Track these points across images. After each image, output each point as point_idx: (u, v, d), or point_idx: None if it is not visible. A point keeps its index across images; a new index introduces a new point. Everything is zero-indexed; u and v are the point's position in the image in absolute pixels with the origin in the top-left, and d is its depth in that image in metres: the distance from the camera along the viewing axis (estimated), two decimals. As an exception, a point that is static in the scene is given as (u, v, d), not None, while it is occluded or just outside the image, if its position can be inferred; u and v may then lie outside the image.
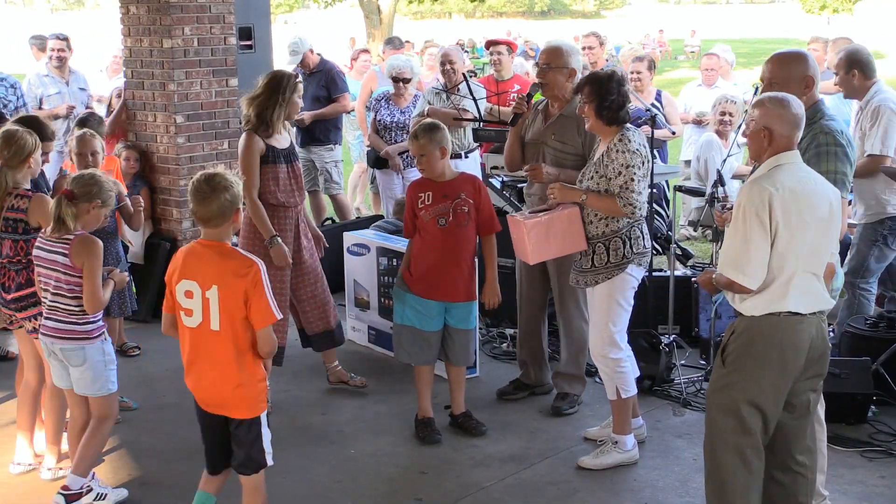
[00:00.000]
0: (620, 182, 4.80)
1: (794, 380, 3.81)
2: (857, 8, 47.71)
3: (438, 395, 5.70)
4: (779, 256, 3.70)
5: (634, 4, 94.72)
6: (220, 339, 3.85)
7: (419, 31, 40.81)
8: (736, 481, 3.84)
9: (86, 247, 4.39)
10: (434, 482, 4.89)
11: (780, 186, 3.69)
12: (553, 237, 4.92)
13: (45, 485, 4.86)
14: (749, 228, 3.69)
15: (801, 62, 4.30)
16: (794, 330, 3.75)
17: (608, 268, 4.89)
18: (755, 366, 3.78)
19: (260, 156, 5.49)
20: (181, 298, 3.90)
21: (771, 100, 3.85)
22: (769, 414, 3.82)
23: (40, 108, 8.71)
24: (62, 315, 4.45)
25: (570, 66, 5.49)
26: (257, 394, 3.95)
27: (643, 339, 5.90)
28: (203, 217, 3.89)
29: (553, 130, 5.48)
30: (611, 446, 5.02)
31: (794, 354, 3.76)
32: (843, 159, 4.09)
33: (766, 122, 3.80)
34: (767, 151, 3.82)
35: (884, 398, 5.52)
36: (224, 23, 7.62)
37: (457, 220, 5.18)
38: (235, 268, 3.83)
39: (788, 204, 3.68)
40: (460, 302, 5.28)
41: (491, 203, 5.36)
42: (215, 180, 3.87)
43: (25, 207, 4.72)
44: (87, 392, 4.53)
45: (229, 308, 3.81)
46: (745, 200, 3.72)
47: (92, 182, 4.48)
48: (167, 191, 7.55)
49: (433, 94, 7.83)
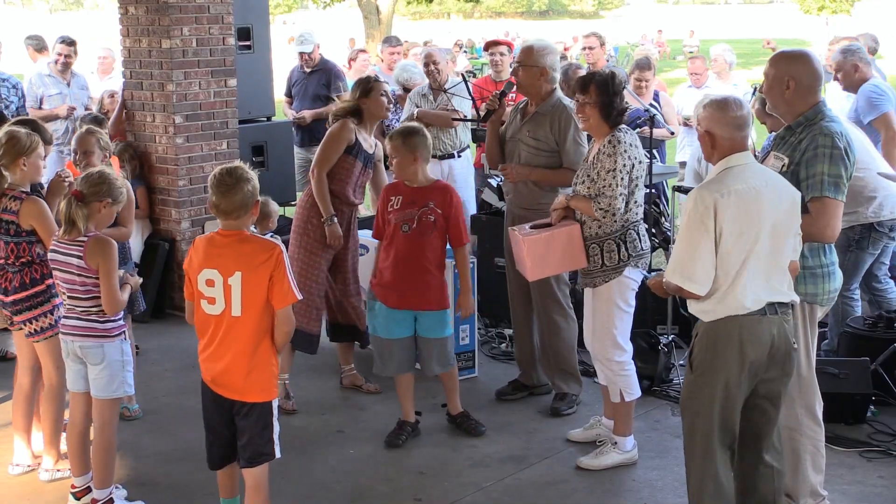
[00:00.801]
0: (600, 185, 4.80)
1: (758, 377, 3.85)
2: (855, 9, 47.77)
3: (438, 395, 5.71)
4: (726, 260, 3.74)
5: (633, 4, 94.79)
6: (241, 325, 3.97)
7: (418, 31, 40.82)
8: (711, 483, 3.89)
9: (100, 248, 4.38)
10: (433, 482, 4.89)
11: (727, 190, 3.73)
12: (552, 254, 4.90)
13: (43, 486, 4.86)
14: (694, 234, 3.75)
15: (786, 61, 4.24)
16: (754, 327, 3.79)
17: (605, 271, 4.88)
18: (719, 367, 3.83)
19: (347, 145, 5.68)
20: (202, 287, 4.00)
21: (710, 103, 3.91)
22: (736, 413, 3.88)
23: (40, 108, 8.70)
24: (84, 314, 4.44)
25: (541, 65, 5.52)
26: (269, 378, 4.04)
27: (642, 340, 5.90)
28: (226, 209, 3.98)
29: (528, 128, 5.53)
30: (610, 447, 5.02)
31: (754, 350, 3.79)
32: (839, 162, 4.07)
33: (706, 126, 3.87)
34: (715, 155, 3.87)
35: (883, 398, 5.52)
36: (223, 23, 7.61)
37: (420, 229, 5.09)
38: (258, 251, 3.96)
39: (734, 207, 3.71)
40: (429, 311, 5.20)
41: (462, 216, 5.24)
42: (238, 172, 4.00)
43: (17, 209, 4.71)
44: (104, 394, 4.49)
45: (253, 292, 3.93)
46: (691, 207, 3.78)
47: (101, 180, 4.46)
48: (166, 191, 7.54)
49: (419, 96, 7.81)
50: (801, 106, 4.18)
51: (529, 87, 5.57)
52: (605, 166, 4.79)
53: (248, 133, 8.05)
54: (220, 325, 4.00)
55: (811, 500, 4.30)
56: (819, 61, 4.30)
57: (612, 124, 4.88)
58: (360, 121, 5.76)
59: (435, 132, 7.65)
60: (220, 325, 4.00)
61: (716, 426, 3.86)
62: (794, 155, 4.13)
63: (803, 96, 4.17)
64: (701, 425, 3.89)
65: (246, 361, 3.98)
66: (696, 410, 3.92)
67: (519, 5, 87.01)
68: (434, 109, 7.63)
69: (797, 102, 4.18)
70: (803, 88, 4.16)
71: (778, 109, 4.29)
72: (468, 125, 7.70)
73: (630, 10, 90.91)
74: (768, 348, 3.81)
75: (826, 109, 4.23)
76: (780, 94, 4.19)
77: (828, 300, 4.25)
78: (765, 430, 3.96)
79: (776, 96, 4.21)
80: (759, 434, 3.97)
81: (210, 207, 4.12)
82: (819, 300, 4.20)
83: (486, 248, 6.97)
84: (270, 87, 8.55)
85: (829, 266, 4.22)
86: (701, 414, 3.89)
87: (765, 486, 4.00)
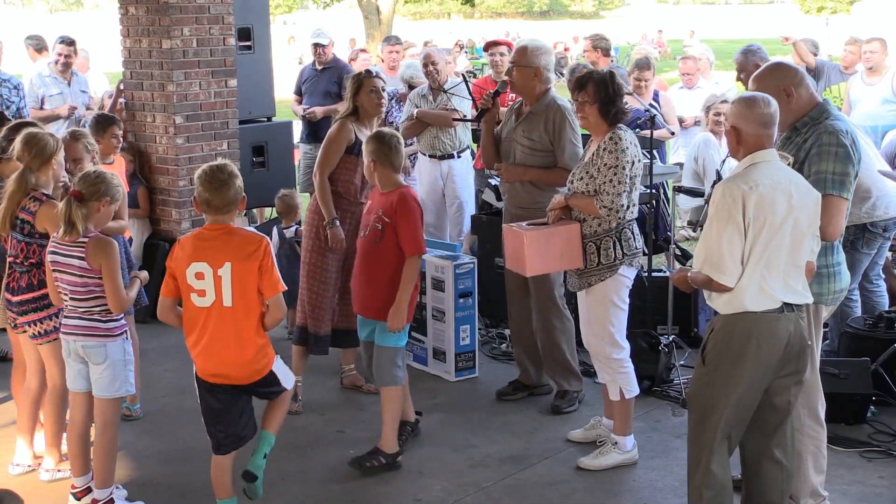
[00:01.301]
0: (601, 181, 4.80)
1: (773, 376, 3.87)
2: (854, 8, 47.74)
3: (438, 395, 5.71)
4: (751, 254, 3.77)
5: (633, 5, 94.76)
6: (232, 314, 4.11)
7: (418, 31, 40.82)
8: (716, 477, 3.91)
9: (101, 248, 4.39)
10: (432, 483, 4.89)
11: (754, 184, 3.77)
12: (551, 250, 4.90)
13: (44, 486, 4.86)
14: (724, 226, 3.77)
15: (772, 76, 4.29)
16: (771, 326, 3.81)
17: (600, 269, 4.89)
18: (733, 363, 3.85)
19: (347, 145, 5.67)
20: (192, 281, 4.11)
21: (739, 100, 3.99)
22: (748, 410, 3.90)
23: (41, 109, 8.70)
24: (84, 314, 4.44)
25: (535, 65, 5.53)
26: (264, 353, 4.25)
27: (642, 340, 5.90)
28: (218, 205, 4.13)
29: (523, 128, 5.54)
30: (610, 447, 5.02)
31: (771, 350, 3.82)
32: (844, 159, 4.09)
33: (733, 122, 3.91)
34: (740, 151, 3.92)
35: (883, 398, 5.52)
36: (223, 23, 7.62)
37: (370, 237, 4.98)
38: (246, 243, 4.12)
39: (761, 202, 3.75)
40: (379, 320, 4.97)
41: (412, 226, 4.91)
42: (228, 169, 4.18)
43: (34, 211, 4.71)
44: (106, 393, 4.49)
45: (243, 282, 4.09)
46: (720, 198, 3.80)
47: (98, 180, 4.48)
48: (166, 191, 7.55)
49: (419, 96, 7.79)
50: (804, 108, 4.22)
51: (524, 87, 5.58)
52: (607, 163, 4.79)
53: (248, 133, 8.05)
54: (211, 316, 4.13)
55: (812, 500, 4.30)
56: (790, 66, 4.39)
57: (611, 122, 4.88)
58: (358, 118, 5.75)
59: (435, 132, 7.66)
60: (211, 316, 4.13)
61: (727, 421, 3.87)
62: (798, 154, 4.15)
63: (806, 100, 4.21)
64: (712, 419, 3.89)
65: (242, 349, 4.15)
66: (709, 404, 3.91)
67: (519, 6, 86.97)
68: (434, 109, 7.63)
69: (801, 106, 4.22)
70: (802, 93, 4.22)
71: (787, 119, 4.27)
72: (468, 125, 7.70)
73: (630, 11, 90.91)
74: (784, 345, 3.83)
75: (830, 108, 4.25)
76: (786, 105, 4.18)
77: (833, 300, 4.26)
78: (776, 428, 3.97)
79: (781, 108, 4.19)
80: (771, 431, 3.97)
81: (199, 204, 4.18)
82: (824, 300, 4.21)
83: (486, 248, 6.97)
84: (271, 87, 8.55)
85: (836, 266, 4.22)
86: (713, 408, 3.89)
87: (772, 485, 4.00)
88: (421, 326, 6.27)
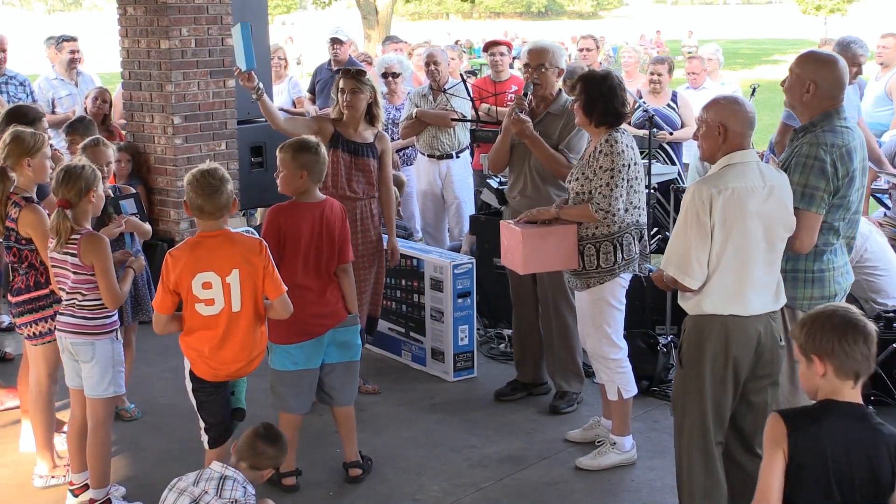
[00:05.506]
0: (597, 184, 4.79)
1: (746, 375, 3.90)
2: (851, 9, 47.78)
3: (436, 395, 5.71)
4: (717, 257, 3.79)
5: (631, 5, 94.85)
6: (241, 318, 4.17)
7: (416, 31, 40.80)
8: (701, 477, 3.95)
9: (91, 245, 4.36)
10: (431, 483, 4.89)
11: (724, 187, 3.77)
12: (546, 249, 4.90)
13: (37, 492, 4.83)
14: (690, 229, 3.79)
15: (825, 68, 4.13)
16: (741, 327, 3.84)
17: (599, 273, 4.89)
18: (707, 364, 3.88)
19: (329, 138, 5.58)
20: (198, 291, 4.11)
21: (726, 98, 4.03)
22: (724, 409, 3.93)
23: (53, 112, 8.70)
24: (77, 311, 4.44)
25: (560, 66, 5.61)
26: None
27: (641, 340, 5.90)
28: (211, 210, 4.10)
29: (540, 129, 5.51)
30: (609, 447, 5.02)
31: (740, 349, 3.84)
32: (819, 174, 3.98)
33: (721, 119, 3.89)
34: (721, 149, 3.89)
35: (881, 398, 5.52)
36: (221, 24, 7.62)
37: None
38: (249, 248, 4.16)
39: (730, 204, 3.75)
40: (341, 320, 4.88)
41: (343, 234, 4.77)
42: (218, 173, 4.13)
43: (15, 217, 4.66)
44: (96, 392, 4.48)
45: (251, 286, 4.15)
46: (689, 200, 3.82)
47: (74, 177, 4.38)
48: (165, 192, 7.55)
49: (419, 96, 7.78)
50: (815, 110, 4.11)
51: (550, 87, 5.60)
52: (602, 165, 4.79)
53: (246, 134, 8.04)
54: (221, 323, 4.16)
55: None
56: (846, 69, 4.19)
57: (596, 123, 4.86)
58: (338, 115, 5.65)
59: (434, 132, 7.66)
60: (221, 323, 4.16)
61: (703, 421, 3.91)
62: (786, 160, 4.12)
63: (820, 101, 4.10)
64: (688, 420, 3.95)
65: (250, 348, 4.23)
66: (686, 405, 3.97)
67: (517, 5, 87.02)
68: (433, 109, 7.63)
69: (813, 106, 4.12)
70: (822, 93, 4.09)
71: (795, 109, 4.25)
72: (467, 126, 7.69)
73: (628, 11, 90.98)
74: (755, 345, 3.85)
75: (834, 118, 4.09)
76: (799, 96, 4.13)
77: (810, 307, 4.02)
78: (757, 427, 3.94)
79: (795, 97, 4.17)
80: (751, 430, 3.99)
81: (191, 209, 4.13)
82: (799, 304, 4.10)
83: (485, 248, 6.97)
84: (270, 87, 8.54)
85: (816, 273, 4.11)
86: (689, 408, 3.95)
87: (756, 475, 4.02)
88: (419, 327, 6.28)
